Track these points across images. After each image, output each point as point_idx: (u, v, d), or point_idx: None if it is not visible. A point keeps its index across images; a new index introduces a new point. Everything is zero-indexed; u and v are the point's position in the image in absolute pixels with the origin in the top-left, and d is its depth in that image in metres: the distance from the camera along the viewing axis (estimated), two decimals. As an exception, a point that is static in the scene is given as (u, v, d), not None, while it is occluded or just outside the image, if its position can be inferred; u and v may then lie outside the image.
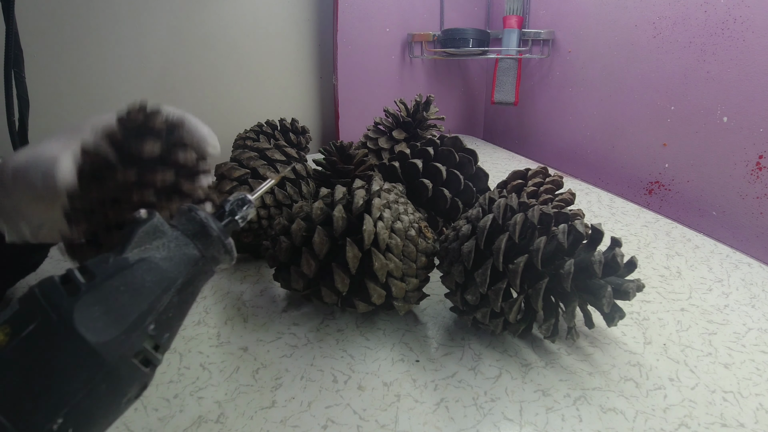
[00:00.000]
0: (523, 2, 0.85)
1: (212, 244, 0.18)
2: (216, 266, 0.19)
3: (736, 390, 0.32)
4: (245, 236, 0.45)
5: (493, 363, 0.35)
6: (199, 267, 0.17)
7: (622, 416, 0.30)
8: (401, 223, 0.37)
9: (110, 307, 0.15)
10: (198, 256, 0.17)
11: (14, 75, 0.46)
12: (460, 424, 0.30)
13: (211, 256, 0.18)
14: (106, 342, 0.14)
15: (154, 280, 0.16)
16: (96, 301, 0.14)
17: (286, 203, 0.46)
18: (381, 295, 0.35)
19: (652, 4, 0.66)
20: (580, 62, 0.80)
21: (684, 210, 0.66)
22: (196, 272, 0.17)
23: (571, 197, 0.49)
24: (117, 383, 0.15)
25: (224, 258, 0.19)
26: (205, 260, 0.18)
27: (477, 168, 0.49)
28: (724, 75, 0.59)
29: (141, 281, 0.15)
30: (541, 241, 0.32)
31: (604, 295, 0.32)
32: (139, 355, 0.15)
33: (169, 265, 0.16)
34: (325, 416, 0.30)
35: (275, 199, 0.46)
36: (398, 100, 0.67)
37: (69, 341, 0.14)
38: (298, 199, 0.48)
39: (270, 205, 0.46)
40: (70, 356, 0.14)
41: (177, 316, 0.17)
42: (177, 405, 0.31)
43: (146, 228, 0.16)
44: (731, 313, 0.40)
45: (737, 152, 0.58)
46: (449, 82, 1.01)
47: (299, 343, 0.37)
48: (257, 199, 0.22)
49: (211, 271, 0.19)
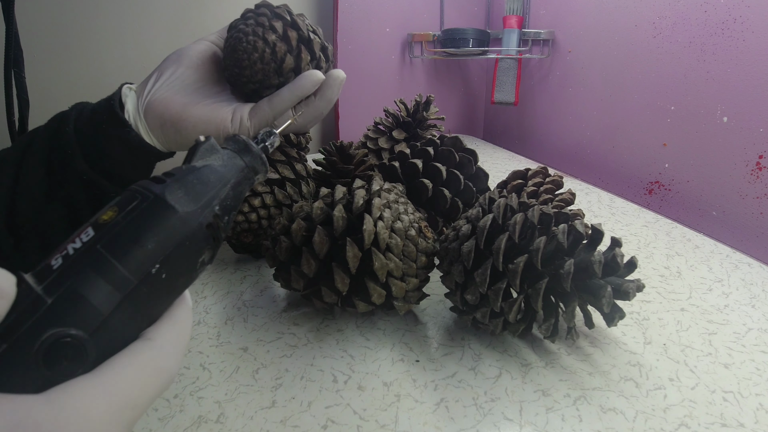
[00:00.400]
0: (523, 2, 0.85)
1: (253, 157, 0.25)
2: (256, 176, 0.26)
3: (736, 390, 0.32)
4: (245, 236, 0.45)
5: (493, 363, 0.35)
6: (245, 173, 0.25)
7: (622, 416, 0.30)
8: (401, 223, 0.37)
9: (188, 191, 0.21)
10: (243, 166, 0.25)
11: (14, 75, 0.46)
12: (460, 424, 0.30)
13: (252, 167, 0.25)
14: (188, 212, 0.20)
15: (216, 177, 0.22)
16: (178, 187, 0.20)
17: (286, 203, 0.47)
18: (381, 295, 0.35)
19: (652, 4, 0.66)
20: (580, 62, 0.80)
21: (684, 210, 0.66)
22: (242, 177, 0.24)
23: (571, 197, 0.49)
24: (196, 244, 0.20)
25: (261, 168, 0.26)
26: (248, 169, 0.25)
27: (477, 168, 0.49)
28: (724, 75, 0.59)
29: (207, 177, 0.22)
30: (541, 241, 0.32)
31: (604, 295, 0.32)
32: (210, 227, 0.21)
33: (224, 169, 0.23)
34: (325, 416, 0.30)
35: (275, 199, 0.46)
36: (398, 100, 0.67)
37: (163, 210, 0.19)
38: (298, 199, 0.48)
39: (270, 205, 0.46)
40: (164, 221, 0.19)
41: (232, 206, 0.23)
42: (177, 405, 0.31)
43: (205, 146, 0.23)
44: (731, 313, 0.40)
45: (737, 152, 0.58)
46: (449, 82, 1.01)
47: (299, 343, 0.37)
48: (281, 133, 0.30)
49: (252, 179, 0.26)
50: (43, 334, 0.16)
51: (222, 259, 0.50)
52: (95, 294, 0.17)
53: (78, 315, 0.17)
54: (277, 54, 0.41)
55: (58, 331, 0.16)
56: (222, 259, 0.50)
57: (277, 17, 0.42)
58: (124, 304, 0.18)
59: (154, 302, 0.19)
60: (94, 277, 0.17)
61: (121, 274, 0.18)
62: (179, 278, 0.20)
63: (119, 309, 0.18)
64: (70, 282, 0.17)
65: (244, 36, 0.41)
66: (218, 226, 0.22)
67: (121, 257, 0.18)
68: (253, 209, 0.45)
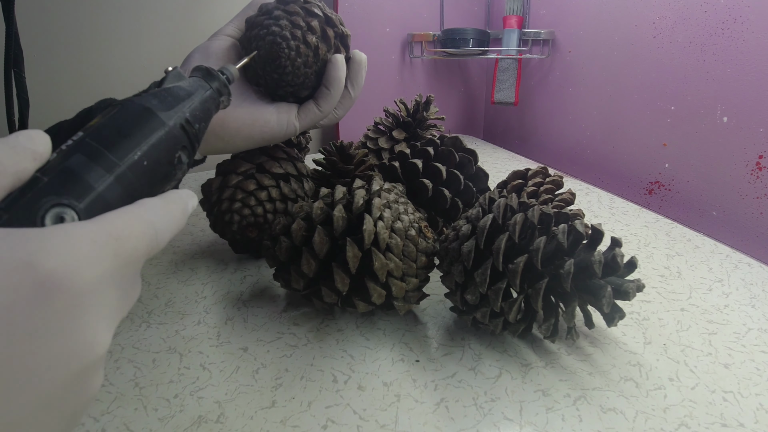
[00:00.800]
0: (523, 2, 0.85)
1: (218, 82, 0.29)
2: (221, 97, 0.30)
3: (736, 390, 0.32)
4: (250, 231, 0.45)
5: (493, 363, 0.35)
6: (210, 93, 0.28)
7: (622, 416, 0.30)
8: (401, 223, 0.37)
9: (161, 101, 0.24)
10: (208, 87, 0.29)
11: (14, 75, 0.46)
12: (460, 424, 0.30)
13: (216, 89, 0.29)
14: (163, 112, 0.24)
15: (184, 93, 0.26)
16: (152, 97, 0.24)
17: (292, 197, 0.46)
18: (381, 295, 0.35)
19: (652, 4, 0.66)
20: (580, 62, 0.80)
21: (684, 210, 0.66)
22: (208, 96, 0.28)
23: (571, 197, 0.49)
24: (172, 139, 0.24)
25: (225, 90, 0.30)
26: (213, 90, 0.29)
27: (477, 168, 0.49)
28: (724, 75, 0.59)
29: (176, 92, 0.26)
30: (541, 241, 0.32)
31: (604, 295, 0.32)
32: (183, 127, 0.25)
33: (191, 88, 0.27)
34: (325, 416, 0.30)
35: (281, 194, 0.46)
36: (398, 100, 0.67)
37: (141, 110, 0.23)
38: (302, 194, 0.48)
39: (276, 198, 0.46)
40: (141, 118, 0.23)
41: (201, 117, 0.27)
42: (177, 405, 0.31)
43: (173, 73, 0.27)
44: (731, 313, 0.40)
45: (737, 152, 0.58)
46: (449, 82, 1.01)
47: (299, 343, 0.37)
48: (239, 67, 0.33)
49: (218, 99, 0.29)
50: (40, 204, 0.18)
51: (222, 259, 0.50)
52: (87, 172, 0.19)
53: (73, 188, 0.19)
54: (319, 56, 0.40)
55: (54, 200, 0.18)
56: (222, 259, 0.50)
57: (312, 15, 0.41)
58: (112, 183, 0.20)
59: (139, 186, 0.22)
60: (85, 160, 0.20)
61: (109, 158, 0.20)
62: (159, 168, 0.23)
63: (109, 187, 0.20)
64: (64, 164, 0.19)
65: (284, 41, 0.39)
66: (191, 130, 0.25)
67: (108, 145, 0.21)
68: (259, 202, 0.45)
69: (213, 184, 0.46)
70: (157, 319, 0.40)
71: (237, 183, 0.45)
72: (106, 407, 0.31)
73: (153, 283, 0.46)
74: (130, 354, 0.36)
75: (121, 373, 0.34)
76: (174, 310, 0.42)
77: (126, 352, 0.36)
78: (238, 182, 0.45)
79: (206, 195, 0.47)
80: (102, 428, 0.30)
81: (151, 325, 0.40)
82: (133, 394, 0.32)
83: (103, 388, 0.33)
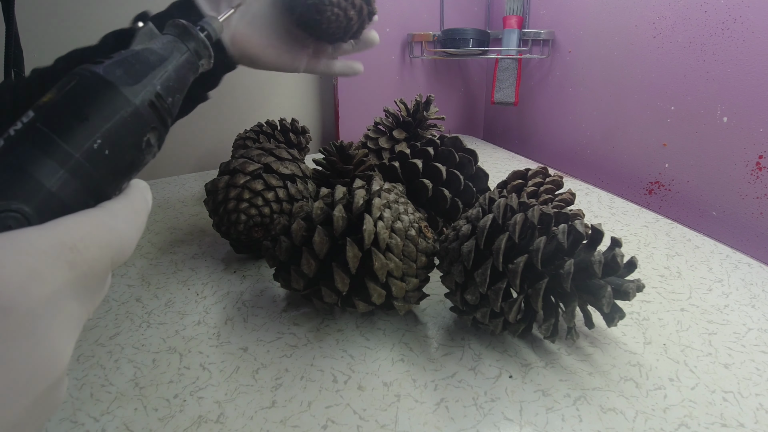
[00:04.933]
0: (523, 2, 0.85)
1: (196, 42, 0.25)
2: (200, 60, 0.26)
3: (736, 390, 0.32)
4: (256, 231, 0.45)
5: (493, 363, 0.35)
6: (187, 57, 0.24)
7: (622, 416, 0.30)
8: (401, 223, 0.37)
9: (127, 70, 0.20)
10: (185, 49, 0.24)
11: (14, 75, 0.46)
12: (460, 424, 0.30)
13: (195, 51, 0.25)
14: (128, 88, 0.20)
15: (155, 58, 0.22)
16: (116, 66, 0.20)
17: (298, 198, 0.47)
18: (381, 295, 0.35)
19: (652, 4, 0.66)
20: (580, 62, 0.80)
21: (684, 210, 0.66)
22: (184, 60, 0.24)
23: (571, 197, 0.49)
24: (138, 121, 0.20)
25: (205, 53, 0.26)
26: (190, 53, 0.25)
27: (477, 168, 0.49)
28: (724, 75, 0.59)
29: (146, 58, 0.22)
30: (541, 241, 0.32)
31: (604, 296, 0.32)
32: (153, 106, 0.21)
33: (164, 51, 0.23)
34: (325, 416, 0.30)
35: (288, 194, 0.46)
36: (398, 100, 0.67)
37: (101, 86, 0.19)
38: (308, 195, 0.48)
39: (283, 199, 0.46)
40: (102, 96, 0.19)
41: (175, 88, 0.23)
42: (177, 405, 0.31)
43: (144, 31, 0.24)
44: (731, 313, 0.40)
45: (737, 152, 0.58)
46: (449, 82, 1.01)
47: (299, 343, 0.37)
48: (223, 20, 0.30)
49: (196, 63, 0.26)
50: None
51: (222, 259, 0.50)
52: (37, 168, 0.17)
53: (20, 189, 0.17)
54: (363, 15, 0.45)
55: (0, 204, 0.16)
56: (222, 259, 0.50)
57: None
58: (67, 179, 0.18)
59: (100, 179, 0.19)
60: (35, 153, 0.17)
61: (62, 148, 0.18)
62: (123, 156, 0.20)
63: (63, 184, 0.17)
64: (11, 159, 0.17)
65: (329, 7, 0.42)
66: (162, 106, 0.22)
67: (61, 132, 0.18)
68: (266, 203, 0.45)
69: (219, 183, 0.46)
70: (157, 319, 0.40)
71: (245, 183, 0.45)
72: (106, 407, 0.31)
73: (153, 283, 0.46)
74: (130, 354, 0.36)
75: (121, 373, 0.34)
76: (174, 310, 0.42)
77: (126, 352, 0.36)
78: (246, 182, 0.45)
79: (211, 194, 0.47)
80: (102, 428, 0.30)
81: (151, 325, 0.40)
82: (133, 394, 0.32)
83: (103, 388, 0.33)
